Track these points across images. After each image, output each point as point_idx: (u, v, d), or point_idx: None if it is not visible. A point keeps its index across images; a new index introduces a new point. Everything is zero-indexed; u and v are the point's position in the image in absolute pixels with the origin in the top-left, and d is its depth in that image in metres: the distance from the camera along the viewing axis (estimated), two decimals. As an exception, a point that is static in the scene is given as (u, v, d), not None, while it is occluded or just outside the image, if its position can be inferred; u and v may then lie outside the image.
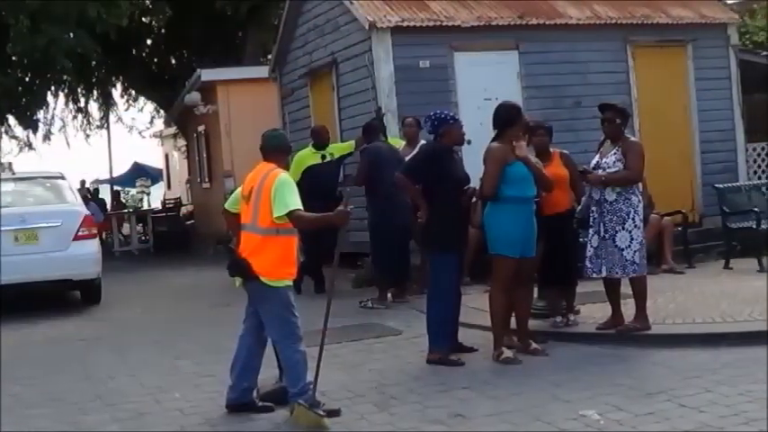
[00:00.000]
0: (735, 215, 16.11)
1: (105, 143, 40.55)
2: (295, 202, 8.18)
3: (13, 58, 27.25)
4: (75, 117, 38.91)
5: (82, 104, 38.19)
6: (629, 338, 10.52)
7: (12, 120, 35.00)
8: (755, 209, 15.74)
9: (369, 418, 8.28)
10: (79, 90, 36.08)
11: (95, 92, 36.89)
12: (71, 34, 25.54)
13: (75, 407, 9.31)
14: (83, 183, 37.28)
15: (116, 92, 37.96)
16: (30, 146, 38.05)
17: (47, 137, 37.90)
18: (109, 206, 36.40)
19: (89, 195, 32.35)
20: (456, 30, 16.71)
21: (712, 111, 18.23)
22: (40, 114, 35.76)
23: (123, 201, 41.72)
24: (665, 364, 9.57)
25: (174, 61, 35.73)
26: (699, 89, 18.16)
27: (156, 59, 35.62)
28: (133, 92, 37.98)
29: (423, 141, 13.12)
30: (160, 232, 31.36)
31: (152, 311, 15.76)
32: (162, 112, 37.51)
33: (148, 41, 35.07)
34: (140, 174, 49.17)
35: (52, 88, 33.73)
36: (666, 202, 16.25)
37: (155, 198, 49.09)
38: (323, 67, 18.91)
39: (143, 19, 32.08)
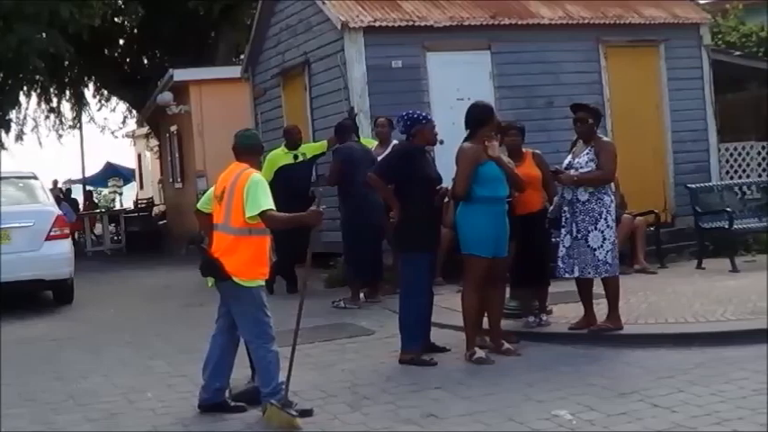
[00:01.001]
0: (707, 215, 16.14)
1: (78, 143, 40.78)
2: (267, 202, 8.17)
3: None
4: (47, 117, 38.95)
5: (54, 104, 38.25)
6: (602, 338, 10.52)
7: (-16, 120, 34.87)
8: (728, 209, 15.79)
9: (341, 417, 8.27)
10: (52, 90, 36.07)
11: (68, 92, 36.88)
12: (43, 34, 25.41)
13: (48, 407, 9.26)
14: (55, 183, 37.20)
15: (88, 92, 38.05)
16: (2, 146, 37.86)
17: (19, 137, 37.87)
18: (81, 206, 36.25)
19: (61, 195, 32.19)
20: (428, 30, 16.71)
21: (685, 111, 18.29)
22: (13, 114, 35.61)
23: (96, 201, 41.57)
24: (637, 364, 9.58)
25: (146, 61, 35.66)
26: (671, 89, 18.22)
27: (128, 59, 35.58)
28: (106, 92, 37.91)
29: (395, 141, 13.13)
30: (133, 232, 31.33)
31: (125, 311, 15.68)
32: (134, 112, 37.36)
33: (121, 41, 35.03)
34: (113, 174, 49.10)
35: (24, 88, 33.52)
36: (639, 201, 16.30)
37: (127, 198, 49.04)
38: (295, 67, 18.89)
39: (115, 19, 32.02)
